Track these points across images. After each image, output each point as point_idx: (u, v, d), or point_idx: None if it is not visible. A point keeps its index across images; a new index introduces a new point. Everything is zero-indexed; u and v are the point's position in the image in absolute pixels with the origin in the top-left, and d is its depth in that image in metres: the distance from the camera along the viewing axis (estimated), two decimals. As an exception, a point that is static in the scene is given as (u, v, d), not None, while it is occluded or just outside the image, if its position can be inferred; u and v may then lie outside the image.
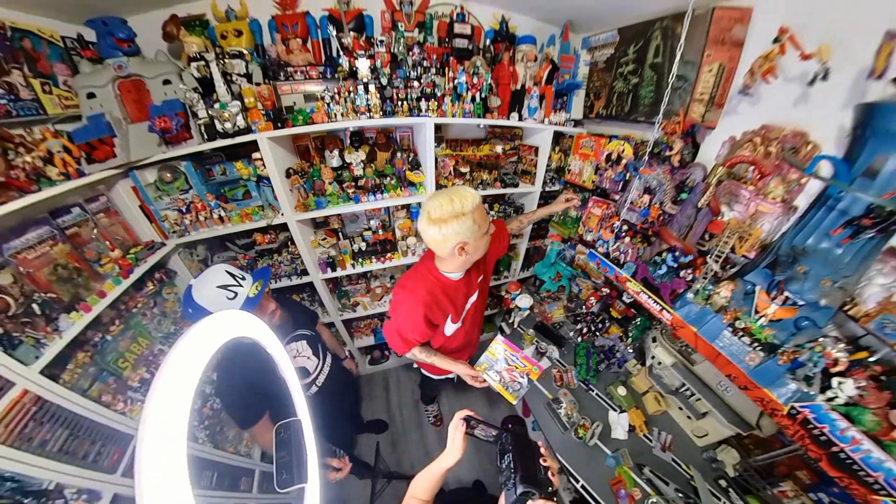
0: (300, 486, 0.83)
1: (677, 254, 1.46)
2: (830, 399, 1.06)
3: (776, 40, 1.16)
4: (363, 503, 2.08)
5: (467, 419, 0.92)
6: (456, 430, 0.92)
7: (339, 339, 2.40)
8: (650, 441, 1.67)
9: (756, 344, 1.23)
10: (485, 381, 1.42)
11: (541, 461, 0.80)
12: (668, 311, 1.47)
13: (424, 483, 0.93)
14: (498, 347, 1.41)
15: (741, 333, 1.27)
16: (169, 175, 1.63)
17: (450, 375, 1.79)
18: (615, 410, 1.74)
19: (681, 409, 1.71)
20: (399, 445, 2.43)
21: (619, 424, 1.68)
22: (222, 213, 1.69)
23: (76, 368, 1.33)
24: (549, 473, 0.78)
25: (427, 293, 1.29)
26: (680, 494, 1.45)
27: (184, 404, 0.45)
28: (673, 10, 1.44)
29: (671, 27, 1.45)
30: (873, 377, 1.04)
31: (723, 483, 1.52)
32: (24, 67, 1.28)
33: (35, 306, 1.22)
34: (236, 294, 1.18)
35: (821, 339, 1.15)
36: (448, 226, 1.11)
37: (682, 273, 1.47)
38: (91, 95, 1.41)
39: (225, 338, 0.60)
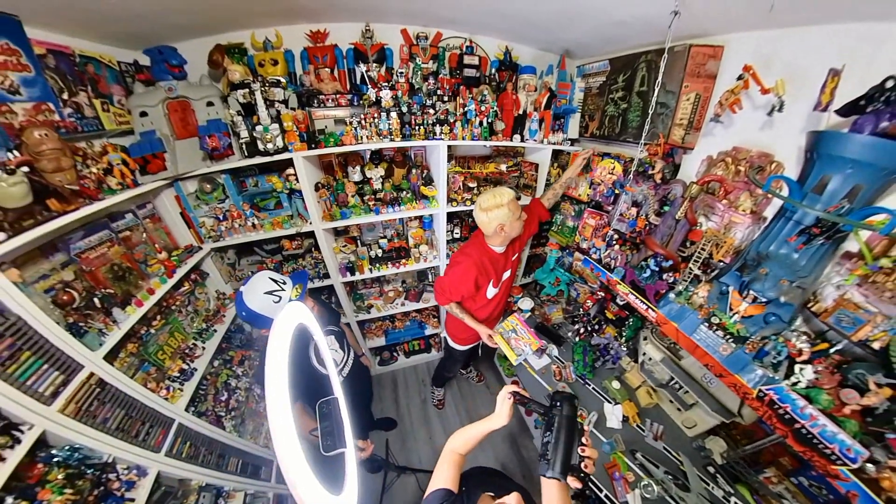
0: (341, 450, 1.00)
1: (659, 259, 1.66)
2: (794, 384, 1.22)
3: (740, 77, 1.38)
4: (375, 495, 2.20)
5: (514, 394, 1.00)
6: (504, 400, 1.00)
7: (355, 339, 2.56)
8: (643, 431, 1.82)
9: (728, 336, 1.40)
10: (496, 342, 1.83)
11: (580, 450, 0.82)
12: (653, 310, 1.65)
13: (465, 438, 1.02)
14: (512, 321, 1.83)
15: (716, 328, 1.44)
16: (209, 186, 1.81)
17: (470, 346, 2.22)
18: (610, 402, 1.90)
19: (671, 401, 1.87)
20: (408, 442, 2.56)
21: (614, 415, 1.83)
22: (255, 221, 1.87)
23: (126, 357, 1.48)
24: (585, 466, 0.80)
25: (479, 258, 1.75)
26: (670, 476, 1.60)
27: (283, 366, 0.80)
28: (656, 44, 1.67)
29: (655, 60, 1.67)
30: (833, 365, 1.19)
31: (711, 469, 1.66)
32: (88, 89, 1.46)
33: (96, 300, 1.38)
34: (280, 298, 1.35)
35: (784, 332, 1.32)
36: (492, 213, 1.61)
37: (664, 276, 1.65)
38: (143, 114, 1.59)
39: (296, 323, 0.92)
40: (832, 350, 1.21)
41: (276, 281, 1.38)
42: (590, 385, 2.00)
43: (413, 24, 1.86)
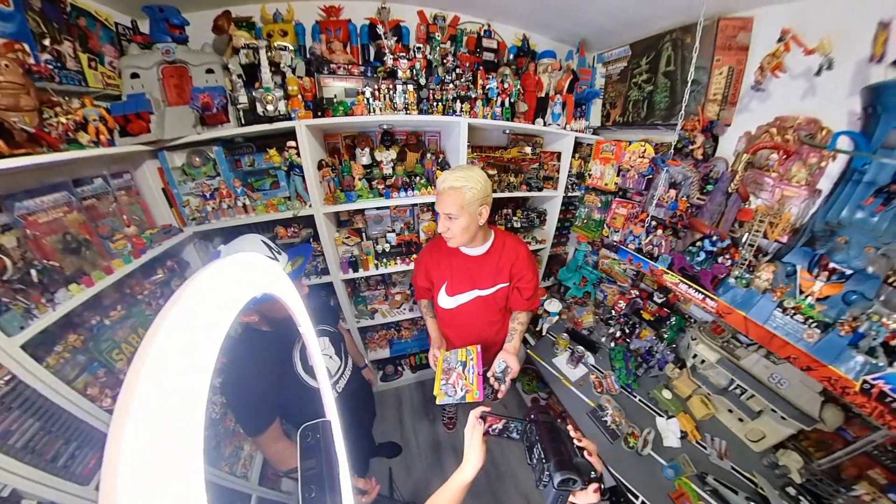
0: None
1: (714, 238, 1.48)
2: None
3: (780, 39, 1.31)
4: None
5: (483, 416, 0.81)
6: (473, 432, 0.79)
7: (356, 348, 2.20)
8: (705, 449, 1.52)
9: (810, 321, 1.20)
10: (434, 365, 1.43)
11: (573, 442, 0.70)
12: (712, 299, 1.44)
13: None
14: (471, 353, 1.35)
15: (793, 312, 1.24)
16: (198, 159, 1.59)
17: None
18: (662, 416, 1.60)
19: (730, 411, 1.59)
20: (414, 471, 2.12)
21: (670, 431, 1.53)
22: (247, 202, 1.63)
23: (64, 352, 1.14)
24: (587, 455, 0.68)
25: (434, 245, 1.51)
26: (752, 503, 1.29)
27: (206, 361, 0.24)
28: (680, 23, 1.63)
29: (680, 38, 1.63)
30: None
31: (791, 491, 1.36)
32: (75, 42, 1.30)
33: (34, 273, 1.08)
34: None
35: (873, 309, 1.13)
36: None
37: (720, 259, 1.47)
38: (135, 76, 1.43)
39: (261, 287, 0.36)
40: None
41: (269, 247, 1.12)
42: (636, 397, 1.71)
43: (430, 6, 1.80)
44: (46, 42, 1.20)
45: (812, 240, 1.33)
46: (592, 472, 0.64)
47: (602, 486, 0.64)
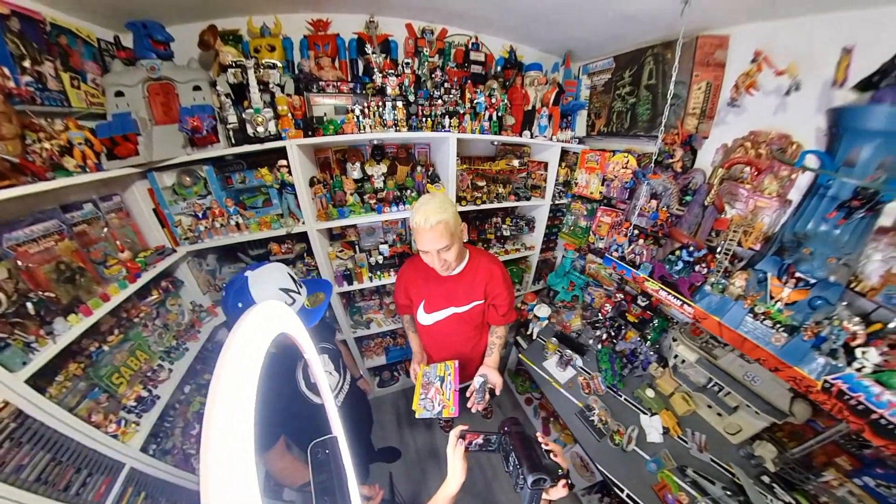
0: None
1: (691, 249, 1.57)
2: (859, 369, 1.11)
3: (753, 60, 1.38)
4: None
5: (463, 434, 0.89)
6: (454, 451, 0.87)
7: (351, 359, 2.24)
8: (685, 443, 1.63)
9: (778, 326, 1.30)
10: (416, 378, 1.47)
11: (542, 447, 0.79)
12: (690, 305, 1.53)
13: None
14: (449, 368, 1.41)
15: (763, 317, 1.33)
16: (188, 179, 1.58)
17: None
18: (646, 414, 1.71)
19: (710, 406, 1.70)
20: (414, 474, 2.18)
21: (653, 427, 1.64)
22: (240, 220, 1.63)
23: (66, 381, 1.16)
24: (553, 456, 0.76)
25: (412, 264, 1.55)
26: (728, 493, 1.40)
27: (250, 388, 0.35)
28: (661, 38, 1.69)
29: (661, 53, 1.69)
30: (891, 345, 1.10)
31: (765, 479, 1.48)
32: (56, 61, 1.27)
33: (30, 305, 1.08)
34: (294, 301, 1.10)
35: (835, 315, 1.22)
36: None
37: (696, 268, 1.56)
38: (119, 94, 1.39)
39: (281, 328, 0.51)
40: (889, 327, 1.11)
41: (294, 280, 1.13)
42: (621, 396, 1.81)
43: (418, 20, 1.81)
44: (27, 63, 1.17)
45: (781, 249, 1.43)
46: (560, 471, 0.74)
47: (570, 482, 0.73)
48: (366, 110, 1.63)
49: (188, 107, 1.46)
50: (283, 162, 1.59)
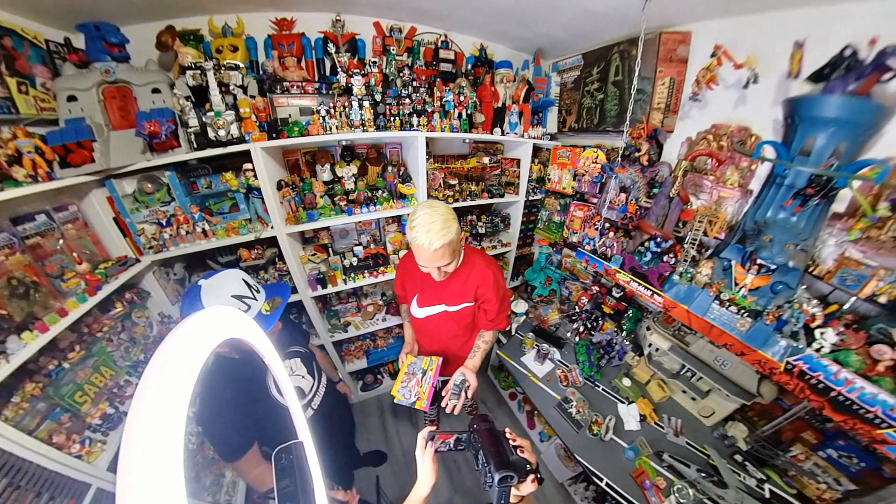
0: None
1: (658, 240, 1.60)
2: (818, 349, 1.16)
3: (713, 54, 1.42)
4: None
5: (432, 436, 0.87)
6: (424, 453, 0.86)
7: (330, 363, 2.21)
8: (662, 428, 1.67)
9: (743, 311, 1.34)
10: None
11: (510, 443, 0.78)
12: (659, 295, 1.56)
13: None
14: (431, 363, 1.47)
15: (728, 304, 1.38)
16: (150, 186, 1.52)
17: None
18: (623, 402, 1.75)
19: (684, 391, 1.75)
20: (400, 475, 2.17)
21: (631, 415, 1.67)
22: (206, 227, 1.59)
23: (22, 402, 1.11)
24: (520, 452, 0.76)
25: (409, 258, 1.54)
26: (703, 474, 1.44)
27: (180, 404, 0.31)
28: (626, 35, 1.72)
29: (627, 50, 1.72)
30: (847, 325, 1.15)
31: (738, 458, 1.54)
32: (0, 65, 1.20)
33: (-21, 325, 1.03)
34: (249, 307, 1.08)
35: (795, 299, 1.27)
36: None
37: (665, 258, 1.59)
38: (72, 98, 1.34)
39: (226, 334, 0.45)
40: (844, 308, 1.19)
41: (249, 285, 1.11)
42: (599, 387, 1.84)
43: (386, 18, 1.80)
44: (-35, 68, 1.12)
45: (744, 237, 1.47)
46: (528, 466, 0.73)
47: (538, 476, 0.73)
48: (332, 111, 1.60)
49: (146, 111, 1.41)
50: (249, 165, 1.55)
